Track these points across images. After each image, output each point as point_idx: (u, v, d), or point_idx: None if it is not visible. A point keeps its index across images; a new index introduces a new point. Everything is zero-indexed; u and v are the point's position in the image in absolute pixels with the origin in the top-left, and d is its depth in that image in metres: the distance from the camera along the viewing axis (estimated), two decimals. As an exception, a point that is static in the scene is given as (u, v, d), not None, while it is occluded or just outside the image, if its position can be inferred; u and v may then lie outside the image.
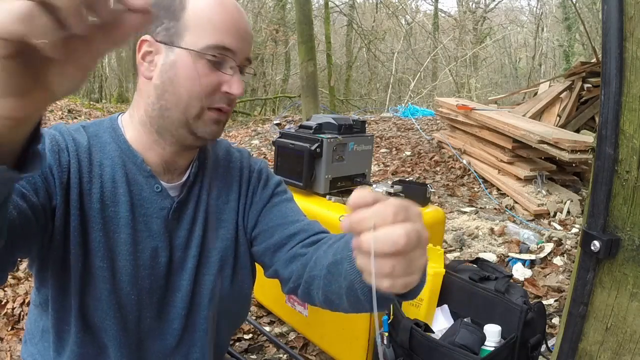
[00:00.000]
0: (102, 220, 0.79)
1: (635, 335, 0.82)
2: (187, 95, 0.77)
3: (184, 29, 0.76)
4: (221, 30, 0.77)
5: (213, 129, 0.81)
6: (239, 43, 0.79)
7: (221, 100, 0.79)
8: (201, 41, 0.76)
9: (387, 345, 1.46)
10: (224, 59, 0.78)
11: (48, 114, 8.03)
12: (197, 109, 0.78)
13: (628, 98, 0.79)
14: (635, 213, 0.80)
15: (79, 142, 0.80)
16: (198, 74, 0.76)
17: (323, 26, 13.58)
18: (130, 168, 0.82)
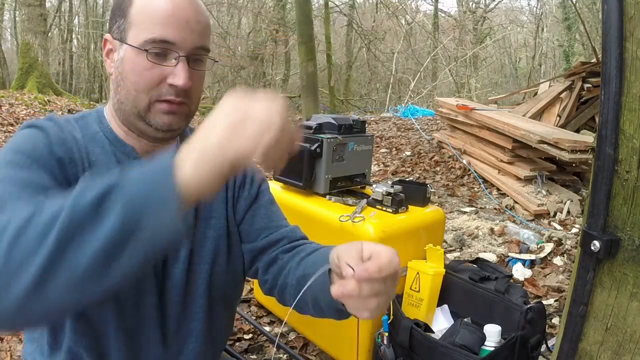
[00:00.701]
0: None
1: (635, 335, 0.82)
2: (134, 89, 0.80)
3: (129, 25, 0.79)
4: (160, 23, 0.77)
5: (164, 120, 0.81)
6: (182, 33, 0.78)
7: (168, 92, 0.79)
8: (140, 36, 0.78)
9: (387, 345, 1.46)
10: (166, 51, 0.78)
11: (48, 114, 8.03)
12: (144, 102, 0.80)
13: (628, 98, 0.79)
14: (635, 213, 0.80)
15: (74, 134, 0.82)
16: (141, 68, 0.78)
17: (323, 26, 13.58)
18: (120, 156, 0.85)
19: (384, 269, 0.61)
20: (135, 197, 0.51)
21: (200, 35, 0.80)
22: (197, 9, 0.81)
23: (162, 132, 0.82)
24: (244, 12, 16.61)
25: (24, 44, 10.01)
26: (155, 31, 0.77)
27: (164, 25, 0.77)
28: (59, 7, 15.99)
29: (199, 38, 0.80)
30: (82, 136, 0.83)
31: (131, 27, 0.79)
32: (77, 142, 0.81)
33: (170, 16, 0.77)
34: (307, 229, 1.72)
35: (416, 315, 1.48)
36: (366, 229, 1.51)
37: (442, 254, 1.53)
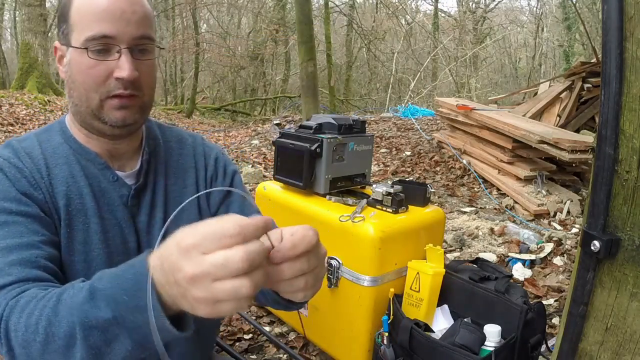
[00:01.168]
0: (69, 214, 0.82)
1: (635, 335, 0.82)
2: (83, 89, 0.81)
3: (71, 28, 0.81)
4: (95, 19, 0.78)
5: (117, 116, 0.82)
6: (118, 26, 0.79)
7: (116, 87, 0.80)
8: (81, 36, 0.79)
9: (387, 345, 1.46)
10: (108, 46, 0.79)
11: (48, 114, 8.03)
12: (96, 100, 0.81)
13: (628, 98, 0.79)
14: (635, 213, 0.80)
15: (32, 153, 0.83)
16: (85, 67, 0.79)
17: (323, 26, 13.58)
18: (84, 164, 0.86)
19: (297, 245, 0.60)
20: (135, 328, 0.57)
21: (138, 25, 0.81)
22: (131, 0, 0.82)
23: (118, 129, 0.83)
24: (244, 12, 16.61)
25: (24, 44, 10.01)
26: (93, 28, 0.78)
27: (100, 20, 0.78)
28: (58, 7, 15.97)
29: (138, 28, 0.81)
30: (41, 152, 0.84)
31: (72, 29, 0.80)
32: (34, 162, 0.82)
33: (104, 11, 0.78)
34: (307, 229, 1.72)
35: (416, 315, 1.48)
36: (366, 229, 1.51)
37: (442, 254, 1.53)
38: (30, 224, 0.76)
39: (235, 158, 5.54)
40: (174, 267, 0.51)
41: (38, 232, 0.76)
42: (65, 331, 0.59)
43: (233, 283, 0.49)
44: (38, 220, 0.77)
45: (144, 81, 0.83)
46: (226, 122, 12.98)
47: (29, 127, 6.98)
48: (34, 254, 0.73)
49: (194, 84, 14.55)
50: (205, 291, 0.50)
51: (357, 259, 1.54)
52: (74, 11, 0.80)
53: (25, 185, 0.79)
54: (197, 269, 0.49)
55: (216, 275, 0.49)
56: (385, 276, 1.54)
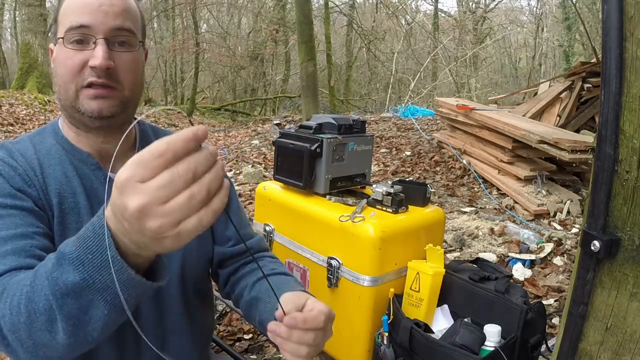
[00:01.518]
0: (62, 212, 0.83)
1: (635, 335, 0.82)
2: (62, 81, 0.83)
3: (58, 25, 0.86)
4: (74, 12, 0.82)
5: (93, 106, 0.82)
6: (95, 16, 0.81)
7: (90, 75, 0.81)
8: (62, 29, 0.83)
9: (387, 345, 1.46)
10: (84, 37, 0.82)
11: (48, 114, 8.03)
12: (72, 91, 0.83)
13: (628, 98, 0.79)
14: (635, 213, 0.80)
15: (26, 154, 0.85)
16: (64, 58, 0.83)
17: (323, 26, 13.58)
18: (77, 164, 0.87)
19: (308, 322, 0.70)
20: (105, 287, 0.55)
21: (116, 17, 0.83)
22: None
23: (96, 120, 0.83)
24: (244, 12, 16.61)
25: (24, 44, 10.02)
26: (71, 19, 0.82)
27: (79, 12, 0.82)
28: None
29: (115, 19, 0.83)
30: (34, 152, 0.86)
31: (58, 26, 0.85)
32: (28, 162, 0.84)
33: (83, 3, 0.82)
34: (307, 229, 1.72)
35: (416, 315, 1.48)
36: (366, 229, 1.51)
37: (442, 254, 1.53)
38: (25, 216, 0.77)
39: (235, 158, 5.54)
40: (121, 209, 0.49)
41: (33, 224, 0.77)
42: (44, 305, 0.58)
43: (184, 195, 0.47)
44: (33, 213, 0.78)
45: (123, 74, 0.84)
46: (226, 122, 12.98)
47: (28, 127, 6.98)
48: (29, 243, 0.73)
49: (194, 84, 14.55)
50: (159, 217, 0.47)
51: (357, 259, 1.54)
52: (61, 10, 0.85)
53: (19, 182, 0.80)
54: (142, 198, 0.47)
55: (166, 197, 0.47)
56: (385, 276, 1.54)
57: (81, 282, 0.55)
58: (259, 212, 1.98)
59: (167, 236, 0.49)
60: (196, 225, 0.48)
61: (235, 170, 4.89)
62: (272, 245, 1.88)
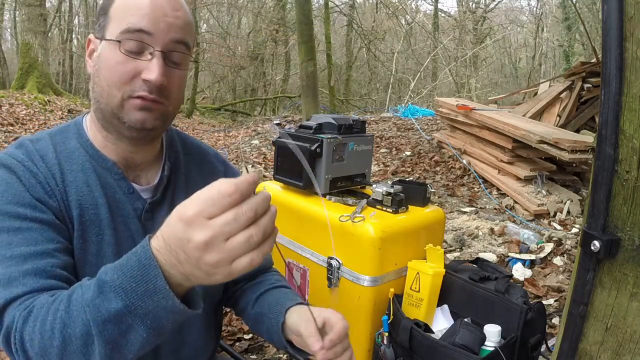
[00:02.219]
0: (83, 225, 0.79)
1: (635, 335, 0.82)
2: (107, 85, 0.78)
3: (109, 20, 0.79)
4: (137, 13, 0.76)
5: (137, 117, 0.78)
6: (159, 24, 0.76)
7: (141, 88, 0.77)
8: (117, 29, 0.77)
9: (387, 345, 1.46)
10: (142, 45, 0.76)
11: (48, 114, 8.03)
12: (117, 98, 0.77)
13: (628, 98, 0.79)
14: (635, 213, 0.80)
15: (46, 157, 0.80)
16: (114, 62, 0.77)
17: (323, 26, 13.58)
18: (100, 172, 0.83)
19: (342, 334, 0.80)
20: (147, 313, 0.58)
21: (177, 29, 0.79)
22: (175, 5, 0.80)
23: (136, 131, 0.80)
24: (244, 12, 16.61)
25: (24, 44, 10.01)
26: (130, 21, 0.76)
27: (141, 15, 0.76)
28: (59, 7, 15.99)
29: (177, 31, 0.79)
30: (55, 156, 0.80)
31: (110, 22, 0.78)
32: (49, 167, 0.79)
33: (148, 7, 0.76)
34: (307, 229, 1.72)
35: (416, 315, 1.48)
36: (366, 229, 1.51)
37: (442, 254, 1.53)
38: (45, 231, 0.73)
39: (235, 158, 5.55)
40: (182, 241, 0.53)
41: (53, 239, 0.74)
42: (81, 330, 0.59)
43: (243, 234, 0.52)
44: (53, 227, 0.75)
45: (172, 90, 0.80)
46: (226, 122, 12.98)
47: (28, 127, 6.98)
48: (49, 262, 0.71)
49: (194, 84, 14.55)
50: (220, 252, 0.52)
51: (357, 259, 1.54)
52: (115, 5, 0.79)
53: (39, 192, 0.76)
54: (209, 233, 0.52)
55: (229, 233, 0.52)
56: (385, 276, 1.54)
57: (124, 309, 0.57)
58: (259, 212, 1.98)
59: (220, 271, 0.54)
60: (247, 265, 0.54)
61: (235, 170, 4.89)
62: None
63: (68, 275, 0.73)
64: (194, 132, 9.73)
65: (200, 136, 8.44)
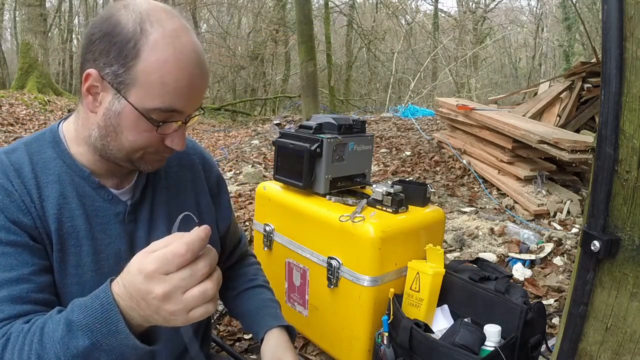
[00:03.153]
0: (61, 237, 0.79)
1: (635, 335, 0.82)
2: (129, 146, 0.79)
3: (133, 81, 0.72)
4: (172, 93, 0.73)
5: (154, 166, 0.85)
6: (190, 102, 0.77)
7: (164, 151, 0.82)
8: (148, 102, 0.73)
9: (387, 345, 1.46)
10: (171, 117, 0.77)
11: (48, 114, 8.03)
12: (139, 154, 0.81)
13: (628, 98, 0.79)
14: (635, 213, 0.80)
15: (22, 171, 0.79)
16: (142, 130, 0.76)
17: (323, 26, 13.58)
18: (78, 182, 0.83)
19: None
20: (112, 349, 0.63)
21: (200, 97, 0.80)
22: (205, 72, 0.78)
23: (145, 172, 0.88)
24: (244, 12, 16.60)
25: (24, 44, 10.01)
26: (165, 101, 0.74)
27: (177, 95, 0.74)
28: (59, 7, 15.99)
29: (200, 100, 0.80)
30: (31, 168, 0.80)
31: (136, 85, 0.72)
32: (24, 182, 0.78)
33: (185, 86, 0.74)
34: (307, 229, 1.72)
35: (416, 315, 1.48)
36: (366, 229, 1.51)
37: (442, 254, 1.53)
38: (19, 254, 0.74)
39: (235, 158, 5.54)
40: (143, 292, 0.59)
41: (28, 262, 0.74)
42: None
43: (199, 288, 0.59)
44: (28, 249, 0.75)
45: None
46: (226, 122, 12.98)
47: (28, 127, 6.98)
48: (24, 288, 0.72)
49: (194, 84, 14.51)
50: (178, 303, 0.58)
51: (357, 259, 1.54)
52: (144, 66, 0.71)
53: (14, 212, 0.75)
54: (167, 287, 0.58)
55: (186, 287, 0.58)
56: (385, 276, 1.54)
57: (91, 346, 0.63)
58: (259, 212, 1.98)
59: (178, 319, 0.60)
60: (203, 314, 0.60)
61: (235, 170, 4.89)
62: (272, 245, 1.88)
63: (45, 297, 0.76)
64: (193, 132, 9.74)
65: (200, 136, 8.44)
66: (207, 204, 1.01)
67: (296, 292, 1.81)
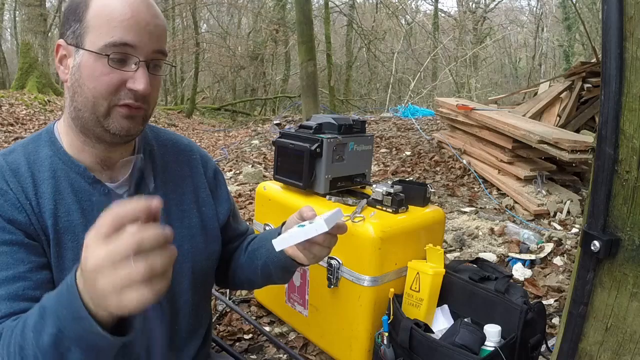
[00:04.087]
0: (57, 233, 0.80)
1: (635, 335, 0.82)
2: (92, 95, 0.78)
3: (86, 29, 0.78)
4: (120, 26, 0.76)
5: (123, 125, 0.81)
6: (142, 37, 0.78)
7: (127, 97, 0.79)
8: (100, 40, 0.77)
9: (387, 345, 1.46)
10: (126, 56, 0.78)
11: (48, 114, 8.03)
12: (104, 107, 0.79)
13: (628, 98, 0.79)
14: (635, 213, 0.80)
15: (18, 171, 0.81)
16: (99, 74, 0.77)
17: (323, 26, 13.58)
18: (73, 177, 0.84)
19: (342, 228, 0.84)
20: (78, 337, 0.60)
21: (158, 39, 0.81)
22: (154, 12, 0.81)
23: (119, 137, 0.82)
24: (244, 12, 16.61)
25: (24, 44, 10.01)
26: (115, 34, 0.76)
27: (124, 28, 0.77)
28: (59, 7, 15.98)
29: (158, 41, 0.81)
30: (28, 167, 0.81)
31: (88, 31, 0.78)
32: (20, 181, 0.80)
33: (130, 19, 0.77)
34: (307, 229, 1.72)
35: (416, 315, 1.48)
36: (366, 229, 1.51)
37: (442, 254, 1.53)
38: (15, 253, 0.75)
39: (235, 158, 5.54)
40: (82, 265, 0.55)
41: (24, 260, 0.75)
42: (32, 353, 0.63)
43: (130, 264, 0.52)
44: (24, 247, 0.76)
45: (152, 95, 0.83)
46: (226, 122, 12.98)
47: (28, 127, 6.98)
48: (21, 286, 0.73)
49: (194, 84, 14.56)
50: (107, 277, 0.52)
51: (357, 259, 1.54)
52: (92, 13, 0.78)
53: (8, 211, 0.77)
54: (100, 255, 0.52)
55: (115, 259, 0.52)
56: (385, 276, 1.54)
57: (58, 334, 0.60)
58: (259, 212, 1.98)
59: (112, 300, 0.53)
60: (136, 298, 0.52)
61: (235, 170, 4.89)
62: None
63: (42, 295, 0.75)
64: (194, 132, 9.74)
65: (200, 136, 8.44)
66: (205, 197, 1.02)
67: (296, 292, 1.81)
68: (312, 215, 0.86)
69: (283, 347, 1.82)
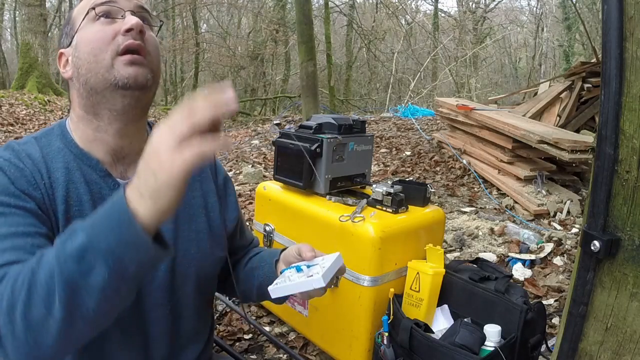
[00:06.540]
0: (68, 221, 0.80)
1: (635, 335, 0.82)
2: (92, 55, 0.82)
3: (74, 22, 0.86)
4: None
5: (129, 71, 0.81)
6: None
7: (125, 39, 0.81)
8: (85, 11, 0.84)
9: (387, 345, 1.46)
10: (111, 8, 0.83)
11: (48, 114, 8.03)
12: (106, 60, 0.81)
13: (628, 98, 0.79)
14: (635, 213, 0.80)
15: (33, 156, 0.82)
16: (93, 34, 0.82)
17: (323, 26, 13.57)
18: (85, 170, 0.85)
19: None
20: (110, 250, 0.58)
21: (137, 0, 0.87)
22: None
23: (130, 89, 0.82)
24: (244, 12, 16.60)
25: (24, 44, 10.02)
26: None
27: None
28: (59, 7, 15.98)
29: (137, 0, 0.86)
30: (41, 156, 0.83)
31: (76, 20, 0.86)
32: (35, 164, 0.81)
33: None
34: (307, 229, 1.72)
35: (416, 315, 1.48)
36: (366, 229, 1.51)
37: (442, 254, 1.53)
38: (27, 217, 0.75)
39: (235, 158, 5.54)
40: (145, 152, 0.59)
41: (34, 224, 0.75)
42: (45, 275, 0.60)
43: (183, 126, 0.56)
44: (35, 215, 0.76)
45: (150, 50, 0.85)
46: (226, 122, 12.96)
47: (28, 127, 6.98)
48: (29, 242, 0.72)
49: (194, 84, 14.55)
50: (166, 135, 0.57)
51: (357, 259, 1.54)
52: (75, 10, 0.86)
53: (24, 184, 0.78)
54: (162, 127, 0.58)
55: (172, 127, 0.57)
56: (385, 276, 1.54)
57: (86, 244, 0.58)
58: (259, 212, 1.98)
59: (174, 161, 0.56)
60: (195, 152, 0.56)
61: (235, 170, 4.89)
62: (272, 245, 1.88)
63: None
64: (194, 132, 9.70)
65: (200, 136, 8.41)
66: (214, 203, 1.01)
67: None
68: (311, 256, 0.87)
69: (283, 347, 1.82)
